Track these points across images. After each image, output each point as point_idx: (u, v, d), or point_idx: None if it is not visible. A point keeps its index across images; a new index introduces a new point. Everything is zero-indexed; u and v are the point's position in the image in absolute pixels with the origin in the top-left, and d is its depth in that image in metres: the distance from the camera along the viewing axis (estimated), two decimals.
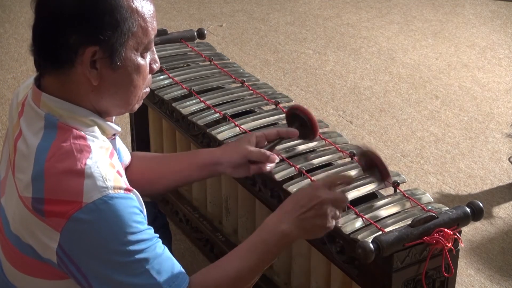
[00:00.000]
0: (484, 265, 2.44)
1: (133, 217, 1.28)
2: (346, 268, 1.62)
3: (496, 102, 3.62)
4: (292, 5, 4.92)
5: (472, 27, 4.63)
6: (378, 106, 3.53)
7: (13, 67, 3.79)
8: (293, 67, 3.95)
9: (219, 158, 1.67)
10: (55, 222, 1.26)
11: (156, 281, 1.29)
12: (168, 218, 2.46)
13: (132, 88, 1.37)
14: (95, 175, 1.26)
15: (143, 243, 1.29)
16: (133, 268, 1.28)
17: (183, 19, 4.61)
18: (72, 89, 1.33)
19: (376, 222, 1.57)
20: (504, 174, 2.96)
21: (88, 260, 1.28)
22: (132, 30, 1.32)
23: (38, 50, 1.34)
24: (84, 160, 1.28)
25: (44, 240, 1.28)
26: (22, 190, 1.30)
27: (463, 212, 1.56)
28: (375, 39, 4.38)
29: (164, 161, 1.76)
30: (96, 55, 1.30)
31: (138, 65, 1.35)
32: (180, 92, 2.18)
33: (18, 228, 1.33)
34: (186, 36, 2.50)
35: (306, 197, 1.43)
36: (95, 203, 1.25)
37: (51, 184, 1.27)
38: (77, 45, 1.29)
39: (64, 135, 1.31)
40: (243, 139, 1.68)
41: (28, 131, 1.34)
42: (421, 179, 2.92)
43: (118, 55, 1.31)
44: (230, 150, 1.67)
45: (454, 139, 3.24)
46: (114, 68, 1.32)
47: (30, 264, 1.35)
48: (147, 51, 1.38)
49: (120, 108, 1.40)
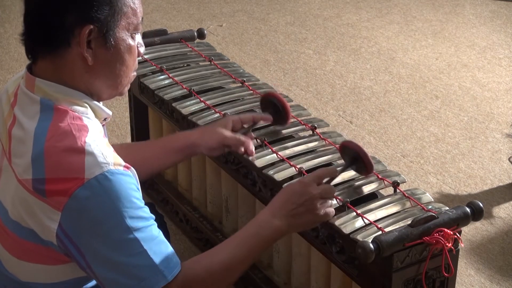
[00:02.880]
0: (484, 265, 2.44)
1: (133, 193, 1.31)
2: (346, 268, 1.62)
3: (496, 102, 3.62)
4: (292, 5, 4.92)
5: (472, 27, 4.63)
6: (378, 106, 3.53)
7: (13, 67, 3.79)
8: (293, 67, 3.95)
9: (195, 141, 1.77)
10: (57, 201, 1.27)
11: (153, 262, 1.30)
12: (168, 218, 2.46)
13: (124, 68, 1.40)
14: (95, 152, 1.28)
15: (142, 221, 1.31)
16: (131, 248, 1.29)
17: (183, 19, 4.61)
18: (66, 72, 1.36)
19: (376, 222, 1.57)
20: (504, 174, 2.96)
21: (87, 239, 1.29)
22: (123, 10, 1.36)
23: (32, 35, 1.36)
24: (83, 138, 1.30)
25: (45, 221, 1.29)
26: (22, 173, 1.31)
27: (463, 212, 1.56)
28: (375, 39, 4.38)
29: (142, 149, 1.83)
30: (92, 34, 1.33)
31: (130, 45, 1.39)
32: (180, 92, 2.18)
33: (18, 213, 1.34)
34: (186, 36, 2.50)
35: (297, 194, 1.48)
36: (96, 178, 1.26)
37: (51, 163, 1.28)
38: (73, 24, 1.32)
39: (60, 116, 1.33)
40: (219, 123, 1.79)
41: (24, 116, 1.36)
42: (421, 179, 2.92)
43: (112, 35, 1.35)
44: (206, 134, 1.77)
45: (454, 139, 3.24)
46: (108, 47, 1.35)
47: (30, 249, 1.36)
48: (136, 32, 1.41)
49: (112, 90, 1.43)
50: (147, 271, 1.30)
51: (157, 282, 1.31)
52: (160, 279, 1.31)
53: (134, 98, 2.50)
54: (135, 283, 1.30)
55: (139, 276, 1.30)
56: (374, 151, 3.09)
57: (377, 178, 1.74)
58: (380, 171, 1.77)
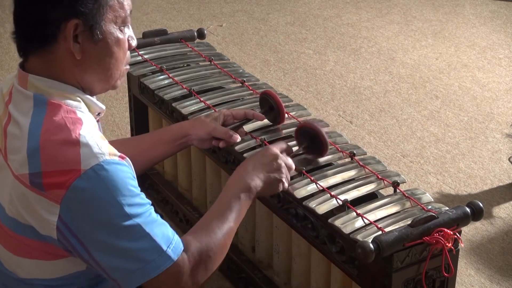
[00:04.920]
0: (484, 265, 2.44)
1: (130, 181, 1.32)
2: (346, 268, 1.62)
3: (496, 102, 3.63)
4: (292, 5, 4.92)
5: (472, 27, 4.63)
6: (378, 106, 3.54)
7: (13, 67, 3.79)
8: (293, 67, 3.95)
9: (187, 131, 1.81)
10: (55, 194, 1.28)
11: (157, 244, 1.32)
12: (168, 218, 2.46)
13: (114, 61, 1.41)
14: (90, 143, 1.29)
15: (140, 207, 1.32)
16: (134, 233, 1.31)
17: (183, 19, 4.61)
18: (56, 67, 1.37)
19: (376, 222, 1.57)
20: (504, 174, 2.96)
21: (89, 229, 1.30)
22: (109, 3, 1.36)
23: (20, 33, 1.37)
24: (77, 130, 1.31)
25: (44, 215, 1.30)
26: (18, 169, 1.32)
27: (463, 212, 1.56)
28: (375, 39, 4.38)
29: (137, 142, 1.86)
30: (78, 28, 1.33)
31: (118, 38, 1.40)
32: (180, 92, 2.18)
33: (16, 209, 1.34)
34: (186, 36, 2.50)
35: (264, 156, 1.60)
36: (93, 169, 1.27)
37: (47, 157, 1.29)
38: (59, 19, 1.32)
39: (54, 110, 1.34)
40: (211, 115, 1.85)
41: (18, 113, 1.36)
42: (421, 179, 2.92)
43: (98, 28, 1.35)
44: (198, 125, 1.82)
45: (454, 139, 3.25)
46: (95, 41, 1.36)
47: (28, 246, 1.36)
48: (124, 25, 1.42)
49: (103, 83, 1.43)
50: (153, 253, 1.32)
51: (163, 262, 1.33)
52: (166, 260, 1.33)
53: (134, 98, 2.50)
54: (142, 265, 1.31)
55: (145, 258, 1.31)
56: (374, 151, 3.09)
57: (377, 178, 1.74)
58: (380, 171, 1.77)
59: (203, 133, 1.79)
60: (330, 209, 1.63)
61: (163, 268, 1.33)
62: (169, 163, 2.51)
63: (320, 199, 1.65)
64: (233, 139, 1.78)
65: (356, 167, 1.78)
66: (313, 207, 1.63)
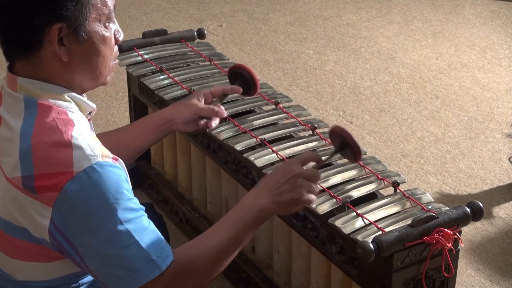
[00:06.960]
0: (484, 265, 2.44)
1: (122, 184, 1.31)
2: (346, 268, 1.62)
3: (496, 102, 3.62)
4: (292, 5, 4.92)
5: (472, 27, 4.63)
6: (378, 106, 3.53)
7: None
8: (293, 67, 3.95)
9: (171, 116, 1.78)
10: (47, 197, 1.27)
11: (146, 252, 1.31)
12: (168, 218, 2.46)
13: (101, 59, 1.40)
14: (83, 145, 1.29)
15: (132, 212, 1.31)
16: (123, 240, 1.29)
17: (183, 19, 4.61)
18: (44, 70, 1.36)
19: (376, 222, 1.57)
20: (504, 174, 2.96)
21: (79, 233, 1.29)
22: (91, 2, 1.36)
23: (5, 39, 1.36)
24: (69, 132, 1.30)
25: (36, 218, 1.29)
26: (10, 172, 1.31)
27: (463, 212, 1.56)
28: (375, 39, 4.38)
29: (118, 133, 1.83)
30: (62, 31, 1.33)
31: (103, 36, 1.39)
32: (180, 92, 2.18)
33: (9, 212, 1.34)
34: (186, 36, 2.50)
35: (281, 173, 1.47)
36: (85, 171, 1.27)
37: (39, 159, 1.28)
38: (43, 25, 1.32)
39: (45, 111, 1.33)
40: (192, 96, 1.81)
41: (10, 116, 1.36)
42: (421, 179, 2.92)
43: (83, 29, 1.35)
44: (181, 107, 1.78)
45: (454, 139, 3.24)
46: (81, 42, 1.36)
47: (23, 248, 1.36)
48: (109, 21, 1.41)
49: (93, 81, 1.43)
50: (141, 261, 1.31)
51: (151, 271, 1.32)
52: (154, 269, 1.32)
53: (134, 98, 2.50)
54: (130, 274, 1.30)
55: (133, 267, 1.30)
56: (374, 151, 3.09)
57: (377, 178, 1.74)
58: (380, 171, 1.77)
59: (188, 114, 1.76)
60: (330, 209, 1.64)
61: (151, 277, 1.31)
62: (169, 163, 2.51)
63: (320, 199, 1.65)
64: (220, 115, 1.77)
65: (356, 167, 1.78)
66: (313, 207, 1.63)
